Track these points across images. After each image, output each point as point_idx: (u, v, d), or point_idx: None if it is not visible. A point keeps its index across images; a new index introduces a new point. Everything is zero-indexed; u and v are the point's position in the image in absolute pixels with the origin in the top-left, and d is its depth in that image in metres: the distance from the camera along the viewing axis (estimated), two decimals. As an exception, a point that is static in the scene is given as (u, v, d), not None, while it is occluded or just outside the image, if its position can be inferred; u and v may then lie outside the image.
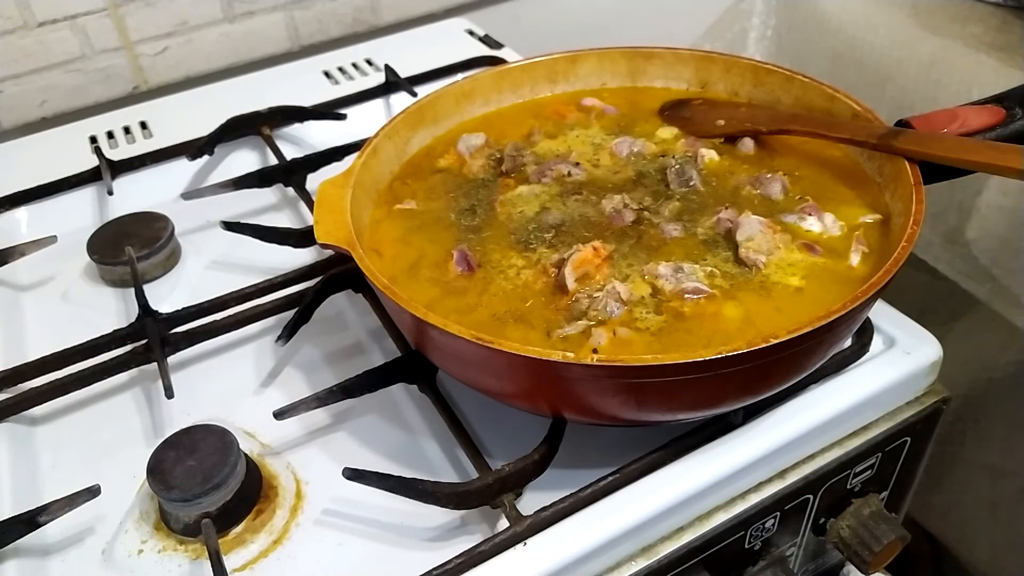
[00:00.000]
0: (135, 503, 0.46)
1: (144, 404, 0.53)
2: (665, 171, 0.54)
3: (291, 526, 0.45)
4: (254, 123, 0.74)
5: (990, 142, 0.47)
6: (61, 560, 0.44)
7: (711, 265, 0.46)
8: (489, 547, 0.41)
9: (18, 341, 0.58)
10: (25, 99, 0.83)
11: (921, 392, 0.52)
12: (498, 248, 0.49)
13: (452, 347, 0.41)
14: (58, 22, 0.81)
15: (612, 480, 0.43)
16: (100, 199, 0.70)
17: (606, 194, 0.52)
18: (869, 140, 0.49)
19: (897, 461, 0.53)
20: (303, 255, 0.61)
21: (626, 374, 0.37)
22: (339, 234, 0.46)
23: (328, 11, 0.92)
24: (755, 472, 0.46)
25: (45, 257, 0.63)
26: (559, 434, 0.44)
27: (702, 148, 0.55)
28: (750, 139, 0.56)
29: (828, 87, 0.54)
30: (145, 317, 0.53)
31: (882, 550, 0.50)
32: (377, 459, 0.47)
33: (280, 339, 0.51)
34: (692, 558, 0.45)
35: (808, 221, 0.48)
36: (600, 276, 0.46)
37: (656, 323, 0.43)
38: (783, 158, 0.54)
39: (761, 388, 0.42)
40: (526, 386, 0.42)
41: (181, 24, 0.86)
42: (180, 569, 0.43)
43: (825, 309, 0.37)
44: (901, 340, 0.51)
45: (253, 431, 0.50)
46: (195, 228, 0.67)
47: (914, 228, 0.42)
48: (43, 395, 0.51)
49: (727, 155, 0.55)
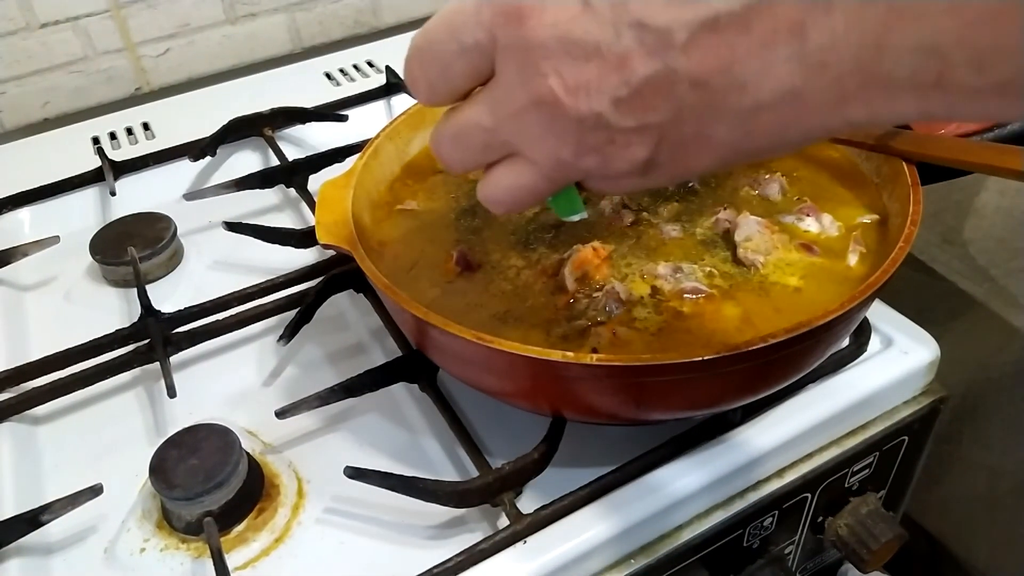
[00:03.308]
0: (137, 502, 0.47)
1: (146, 403, 0.53)
2: (664, 172, 0.54)
3: (293, 524, 0.45)
4: (256, 124, 0.74)
5: (988, 143, 0.47)
6: (63, 559, 0.44)
7: (710, 265, 0.46)
8: (489, 545, 0.41)
9: (21, 341, 0.59)
10: (28, 100, 0.83)
11: (919, 391, 0.52)
12: (498, 248, 0.49)
13: (453, 347, 0.41)
14: (60, 23, 0.81)
15: (611, 478, 0.44)
16: (103, 200, 0.71)
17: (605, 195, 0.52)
18: (867, 141, 0.49)
19: (895, 460, 0.53)
20: (305, 255, 0.61)
21: (625, 374, 0.37)
22: (340, 234, 0.46)
23: (329, 13, 0.93)
24: (753, 471, 0.46)
25: (48, 257, 0.63)
26: (559, 433, 0.44)
27: (701, 149, 0.55)
28: (749, 140, 0.56)
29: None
30: (147, 317, 0.54)
31: (880, 548, 0.50)
32: (378, 458, 0.48)
33: (282, 339, 0.52)
34: (691, 556, 0.45)
35: (806, 221, 0.49)
36: (599, 276, 0.46)
37: (655, 323, 0.43)
38: (781, 159, 0.55)
39: (759, 387, 0.42)
40: (526, 385, 0.42)
41: (183, 26, 0.86)
42: (182, 567, 0.43)
43: (823, 309, 0.38)
44: (899, 340, 0.52)
45: (255, 430, 0.50)
46: (197, 228, 0.68)
47: (912, 228, 0.42)
48: (45, 395, 0.51)
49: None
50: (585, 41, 0.26)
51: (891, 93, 0.25)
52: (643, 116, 0.27)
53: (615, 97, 0.26)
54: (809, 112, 0.26)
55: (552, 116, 0.28)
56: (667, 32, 0.25)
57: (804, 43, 0.24)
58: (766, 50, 0.24)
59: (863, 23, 0.23)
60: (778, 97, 0.25)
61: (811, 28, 0.24)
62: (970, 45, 0.23)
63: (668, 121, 0.27)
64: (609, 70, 0.26)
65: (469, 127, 0.31)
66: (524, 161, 0.30)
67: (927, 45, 0.23)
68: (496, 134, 0.30)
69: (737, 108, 0.26)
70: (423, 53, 0.30)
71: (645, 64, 0.25)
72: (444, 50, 0.29)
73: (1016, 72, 0.23)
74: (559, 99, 0.27)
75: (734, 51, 0.25)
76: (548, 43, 0.26)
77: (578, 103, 0.27)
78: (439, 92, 0.31)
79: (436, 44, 0.30)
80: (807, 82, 0.25)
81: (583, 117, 0.27)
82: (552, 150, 0.29)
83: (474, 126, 0.30)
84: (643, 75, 0.26)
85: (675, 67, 0.25)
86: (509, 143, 0.30)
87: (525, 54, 0.27)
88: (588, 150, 0.28)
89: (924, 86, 0.24)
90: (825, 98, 0.25)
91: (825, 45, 0.24)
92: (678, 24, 0.25)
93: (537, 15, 0.26)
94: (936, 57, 0.23)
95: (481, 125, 0.30)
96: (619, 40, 0.25)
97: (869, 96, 0.25)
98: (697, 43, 0.25)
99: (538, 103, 0.28)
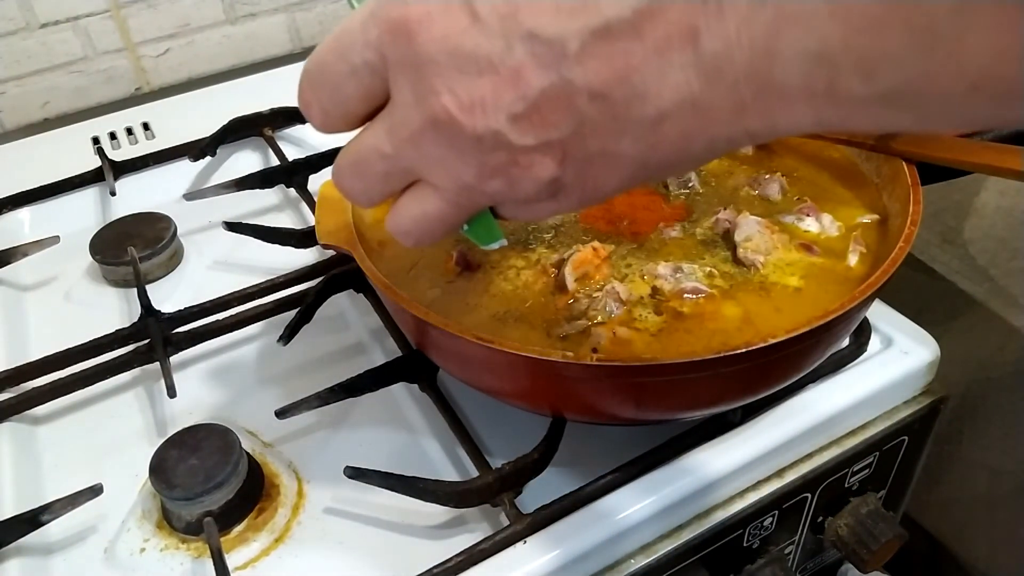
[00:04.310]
0: (137, 502, 0.47)
1: (146, 403, 0.53)
2: (664, 172, 0.54)
3: (293, 524, 0.45)
4: (256, 124, 0.74)
5: (988, 143, 0.47)
6: (63, 559, 0.45)
7: (710, 265, 0.46)
8: (489, 545, 0.41)
9: (21, 341, 0.59)
10: (27, 100, 0.83)
11: (918, 391, 0.52)
12: (497, 248, 0.49)
13: (453, 347, 0.41)
14: (60, 23, 0.81)
15: (611, 479, 0.44)
16: (103, 200, 0.71)
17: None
18: (867, 141, 0.49)
19: (895, 460, 0.53)
20: (305, 255, 0.61)
21: (625, 374, 0.37)
22: (340, 234, 0.46)
23: (329, 13, 0.93)
24: (753, 471, 0.46)
25: (48, 257, 0.63)
26: (559, 433, 0.44)
27: (701, 149, 0.55)
28: (749, 140, 0.56)
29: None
30: (147, 317, 0.54)
31: (880, 548, 0.50)
32: (378, 458, 0.48)
33: (282, 339, 0.52)
34: (691, 556, 0.45)
35: (806, 221, 0.49)
36: (599, 276, 0.46)
37: (655, 323, 0.43)
38: (781, 159, 0.55)
39: (759, 387, 0.42)
40: (526, 385, 0.42)
41: (183, 26, 0.86)
42: (182, 567, 0.43)
43: (823, 309, 0.38)
44: (899, 340, 0.52)
45: (255, 430, 0.50)
46: (197, 229, 0.68)
47: (912, 228, 0.42)
48: (45, 394, 0.51)
49: (725, 156, 0.55)
50: (477, 55, 0.25)
51: (786, 102, 0.24)
52: (543, 132, 0.26)
53: (512, 113, 0.25)
54: (711, 122, 0.25)
55: (450, 137, 0.26)
56: (559, 42, 0.24)
57: (698, 49, 0.23)
58: (661, 57, 0.24)
59: (753, 28, 0.23)
60: (677, 106, 0.24)
61: (704, 34, 0.23)
62: (857, 52, 0.22)
63: (570, 136, 0.26)
64: (503, 85, 0.25)
65: (368, 154, 0.29)
66: (428, 188, 0.29)
67: (815, 51, 0.23)
68: (396, 160, 0.28)
69: (639, 119, 0.25)
70: (312, 76, 0.29)
71: (539, 77, 0.24)
72: (334, 72, 0.28)
73: (903, 80, 0.22)
74: (454, 117, 0.26)
75: (629, 59, 0.24)
76: (438, 58, 0.25)
77: (475, 121, 0.26)
78: (333, 117, 0.29)
79: (326, 66, 0.28)
80: (704, 90, 0.24)
81: (481, 136, 0.26)
82: (454, 174, 0.28)
83: (373, 152, 0.29)
84: (539, 88, 0.25)
85: (571, 78, 0.24)
86: (411, 169, 0.29)
87: (416, 71, 0.26)
88: (491, 172, 0.27)
89: (816, 95, 0.23)
90: (724, 106, 0.24)
91: (719, 52, 0.23)
92: (569, 33, 0.24)
93: (425, 29, 0.25)
94: (824, 64, 0.23)
95: (380, 151, 0.28)
96: (511, 53, 0.24)
97: (766, 105, 0.24)
98: (590, 52, 0.24)
99: (434, 123, 0.26)
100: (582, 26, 0.24)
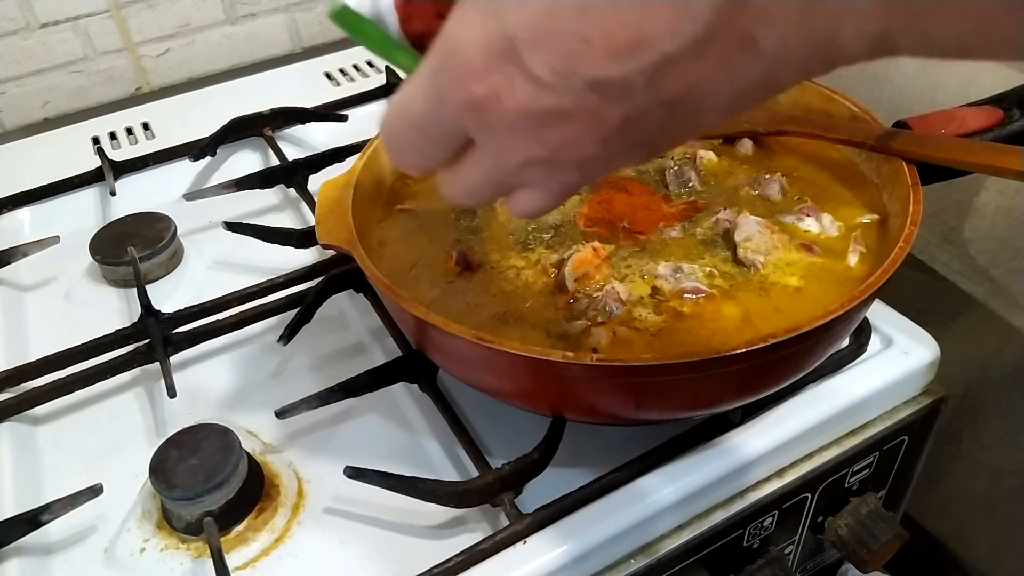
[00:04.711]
0: (137, 502, 0.47)
1: (146, 403, 0.53)
2: (664, 172, 0.54)
3: (293, 524, 0.45)
4: (256, 124, 0.74)
5: (988, 143, 0.47)
6: (63, 559, 0.45)
7: (710, 265, 0.46)
8: (489, 545, 0.41)
9: (21, 341, 0.59)
10: (28, 100, 0.83)
11: (918, 391, 0.52)
12: (497, 248, 0.49)
13: (453, 347, 0.41)
14: (60, 23, 0.81)
15: (611, 478, 0.44)
16: (103, 200, 0.71)
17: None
18: (867, 141, 0.49)
19: (895, 460, 0.53)
20: (305, 255, 0.61)
21: (625, 374, 0.37)
22: (340, 234, 0.46)
23: (329, 12, 0.93)
24: (753, 471, 0.46)
25: (48, 257, 0.63)
26: (559, 433, 0.44)
27: (700, 149, 0.55)
28: (748, 140, 0.56)
29: (826, 88, 0.55)
30: (147, 317, 0.54)
31: (880, 548, 0.50)
32: (378, 458, 0.48)
33: (282, 339, 0.52)
34: (691, 556, 0.45)
35: (806, 221, 0.49)
36: (599, 276, 0.46)
37: (655, 323, 0.43)
38: (781, 159, 0.55)
39: (759, 387, 0.42)
40: (526, 385, 0.42)
41: (183, 26, 0.87)
42: (182, 567, 0.44)
43: (823, 309, 0.38)
44: (899, 340, 0.52)
45: (255, 430, 0.50)
46: (197, 229, 0.68)
47: (912, 228, 0.42)
48: (45, 395, 0.51)
49: (725, 156, 0.56)
50: (555, 109, 0.27)
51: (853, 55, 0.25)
52: (629, 142, 0.28)
53: (599, 138, 0.27)
54: (782, 84, 0.27)
55: (551, 167, 0.29)
56: (625, 82, 0.25)
57: (759, 50, 0.25)
58: (725, 65, 0.25)
59: (811, 24, 0.24)
60: (750, 85, 0.26)
61: (762, 40, 0.25)
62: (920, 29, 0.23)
63: (655, 130, 0.28)
64: (587, 123, 0.27)
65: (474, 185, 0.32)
66: (532, 187, 0.31)
67: (875, 33, 0.24)
68: (499, 187, 0.31)
69: (714, 106, 0.27)
70: (396, 147, 0.32)
71: (616, 109, 0.26)
72: (418, 143, 0.31)
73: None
74: (549, 156, 0.28)
75: (695, 76, 0.26)
76: (518, 123, 0.27)
77: (569, 153, 0.28)
78: (427, 170, 0.32)
79: (406, 142, 0.31)
80: (773, 72, 0.26)
81: (582, 160, 0.29)
82: (559, 179, 0.30)
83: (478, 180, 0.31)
84: (619, 116, 0.27)
85: (644, 104, 0.26)
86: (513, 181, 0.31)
87: (501, 139, 0.28)
88: (589, 163, 0.30)
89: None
90: (792, 77, 0.26)
91: (779, 47, 0.25)
92: (634, 73, 0.25)
93: (498, 105, 0.27)
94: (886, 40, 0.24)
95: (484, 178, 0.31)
96: (584, 101, 0.26)
97: (832, 59, 0.26)
98: (657, 83, 0.25)
99: (530, 162, 0.29)
100: (646, 64, 0.25)
